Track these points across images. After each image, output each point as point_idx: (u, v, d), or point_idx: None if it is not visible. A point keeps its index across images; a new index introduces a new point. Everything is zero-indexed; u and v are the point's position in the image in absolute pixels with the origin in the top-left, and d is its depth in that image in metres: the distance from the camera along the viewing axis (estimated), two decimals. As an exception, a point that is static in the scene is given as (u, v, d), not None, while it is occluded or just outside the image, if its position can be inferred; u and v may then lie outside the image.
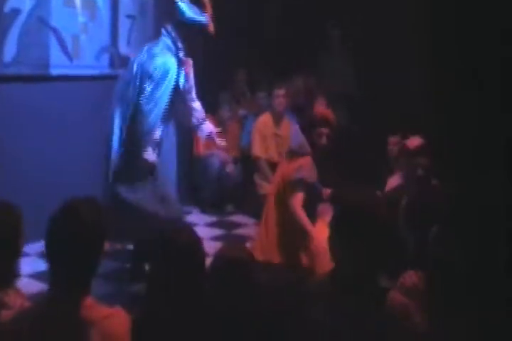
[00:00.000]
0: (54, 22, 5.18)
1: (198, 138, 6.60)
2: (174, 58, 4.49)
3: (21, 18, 4.93)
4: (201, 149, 6.68)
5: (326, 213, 4.26)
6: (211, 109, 6.59)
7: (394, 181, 4.93)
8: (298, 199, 4.24)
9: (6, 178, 4.79)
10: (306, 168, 4.26)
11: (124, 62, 5.76)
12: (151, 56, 4.44)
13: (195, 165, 6.67)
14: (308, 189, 4.28)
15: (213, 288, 2.58)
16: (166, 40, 4.53)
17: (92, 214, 2.29)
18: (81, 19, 5.29)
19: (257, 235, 4.69)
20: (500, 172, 2.21)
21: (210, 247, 4.06)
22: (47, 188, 5.02)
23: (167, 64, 4.44)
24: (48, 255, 2.24)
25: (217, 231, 5.80)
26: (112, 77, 5.62)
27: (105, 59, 5.66)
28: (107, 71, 5.67)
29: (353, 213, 2.41)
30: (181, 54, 4.52)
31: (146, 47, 4.53)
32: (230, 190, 6.62)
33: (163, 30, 4.58)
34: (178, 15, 4.55)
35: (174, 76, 4.45)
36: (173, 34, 4.53)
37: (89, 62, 5.48)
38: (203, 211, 6.53)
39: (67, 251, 2.21)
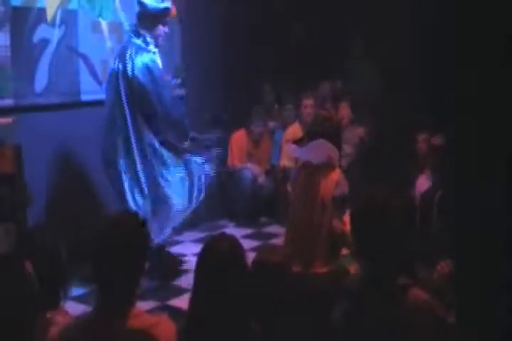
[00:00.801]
0: (82, 49, 5.34)
1: (232, 151, 6.75)
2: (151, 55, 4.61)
3: (50, 48, 5.08)
4: (234, 162, 6.79)
5: None
6: (244, 123, 6.71)
7: (423, 181, 4.99)
8: (347, 215, 4.19)
9: (40, 209, 4.85)
10: (341, 182, 4.19)
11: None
12: (130, 61, 4.53)
13: (229, 178, 6.79)
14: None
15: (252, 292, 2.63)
16: (135, 41, 4.64)
17: (135, 227, 2.41)
18: (109, 44, 5.42)
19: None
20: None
21: (248, 258, 4.18)
22: (84, 212, 5.11)
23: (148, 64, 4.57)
24: (94, 269, 2.36)
25: (253, 243, 5.88)
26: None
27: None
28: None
29: (363, 214, 2.46)
30: (152, 48, 4.63)
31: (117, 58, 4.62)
32: (263, 202, 6.72)
33: (130, 34, 4.69)
34: (140, 8, 4.64)
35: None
36: (141, 31, 4.63)
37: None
38: (238, 224, 6.58)
39: (112, 265, 2.32)
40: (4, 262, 2.47)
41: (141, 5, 4.61)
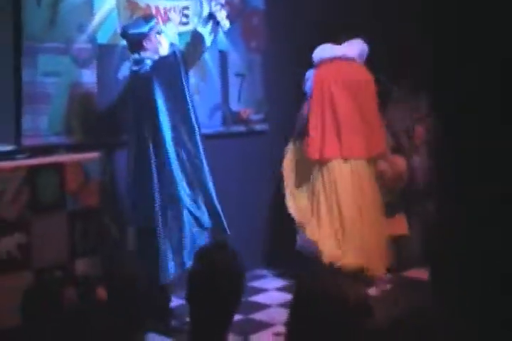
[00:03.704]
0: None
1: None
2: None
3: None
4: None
5: None
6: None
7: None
8: None
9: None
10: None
11: (236, 119, 5.88)
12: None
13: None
14: None
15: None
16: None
17: (226, 260, 2.34)
18: (193, 80, 5.42)
19: None
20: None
21: (280, 314, 3.98)
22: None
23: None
24: (189, 300, 2.34)
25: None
26: (226, 135, 5.75)
27: (218, 117, 5.77)
28: (220, 129, 5.78)
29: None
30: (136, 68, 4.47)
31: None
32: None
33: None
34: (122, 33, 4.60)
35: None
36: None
37: (203, 121, 5.56)
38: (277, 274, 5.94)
39: (207, 298, 2.31)
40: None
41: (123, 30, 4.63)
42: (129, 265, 3.01)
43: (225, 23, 4.51)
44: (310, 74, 5.72)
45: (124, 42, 4.88)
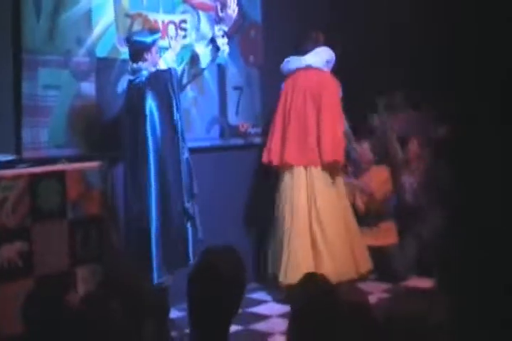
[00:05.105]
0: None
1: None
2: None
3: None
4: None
5: None
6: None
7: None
8: None
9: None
10: None
11: (234, 132, 5.92)
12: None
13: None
14: None
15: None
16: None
17: (232, 266, 2.35)
18: (191, 94, 5.48)
19: None
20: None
21: (280, 324, 3.95)
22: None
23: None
24: (189, 305, 2.36)
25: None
26: (223, 148, 5.78)
27: (215, 130, 5.81)
28: (217, 142, 5.82)
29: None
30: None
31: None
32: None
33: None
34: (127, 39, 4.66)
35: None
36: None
37: (201, 134, 5.64)
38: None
39: (207, 304, 2.33)
40: (95, 301, 2.50)
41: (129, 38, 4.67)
42: (128, 272, 3.01)
43: (225, 49, 4.65)
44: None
45: (123, 56, 4.96)
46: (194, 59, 4.56)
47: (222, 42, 4.60)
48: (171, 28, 5.40)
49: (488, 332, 2.15)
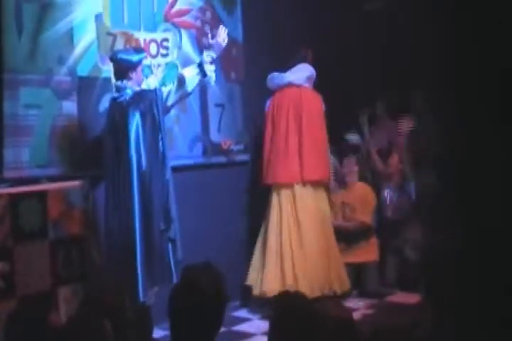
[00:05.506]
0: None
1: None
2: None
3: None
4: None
5: None
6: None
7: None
8: None
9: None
10: None
11: (217, 149, 5.91)
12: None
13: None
14: None
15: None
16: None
17: (211, 282, 2.35)
18: (173, 112, 5.46)
19: None
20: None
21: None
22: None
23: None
24: (171, 322, 2.35)
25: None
26: (206, 166, 5.78)
27: (198, 148, 5.81)
28: (200, 160, 5.81)
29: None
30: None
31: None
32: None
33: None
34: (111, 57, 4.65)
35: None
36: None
37: (183, 152, 5.62)
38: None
39: (188, 321, 2.32)
40: (85, 321, 2.46)
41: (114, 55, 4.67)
42: (111, 291, 2.99)
43: (212, 76, 4.70)
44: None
45: (104, 74, 4.95)
46: (181, 82, 4.58)
47: (210, 69, 4.65)
48: (153, 46, 5.42)
49: (488, 332, 2.16)
